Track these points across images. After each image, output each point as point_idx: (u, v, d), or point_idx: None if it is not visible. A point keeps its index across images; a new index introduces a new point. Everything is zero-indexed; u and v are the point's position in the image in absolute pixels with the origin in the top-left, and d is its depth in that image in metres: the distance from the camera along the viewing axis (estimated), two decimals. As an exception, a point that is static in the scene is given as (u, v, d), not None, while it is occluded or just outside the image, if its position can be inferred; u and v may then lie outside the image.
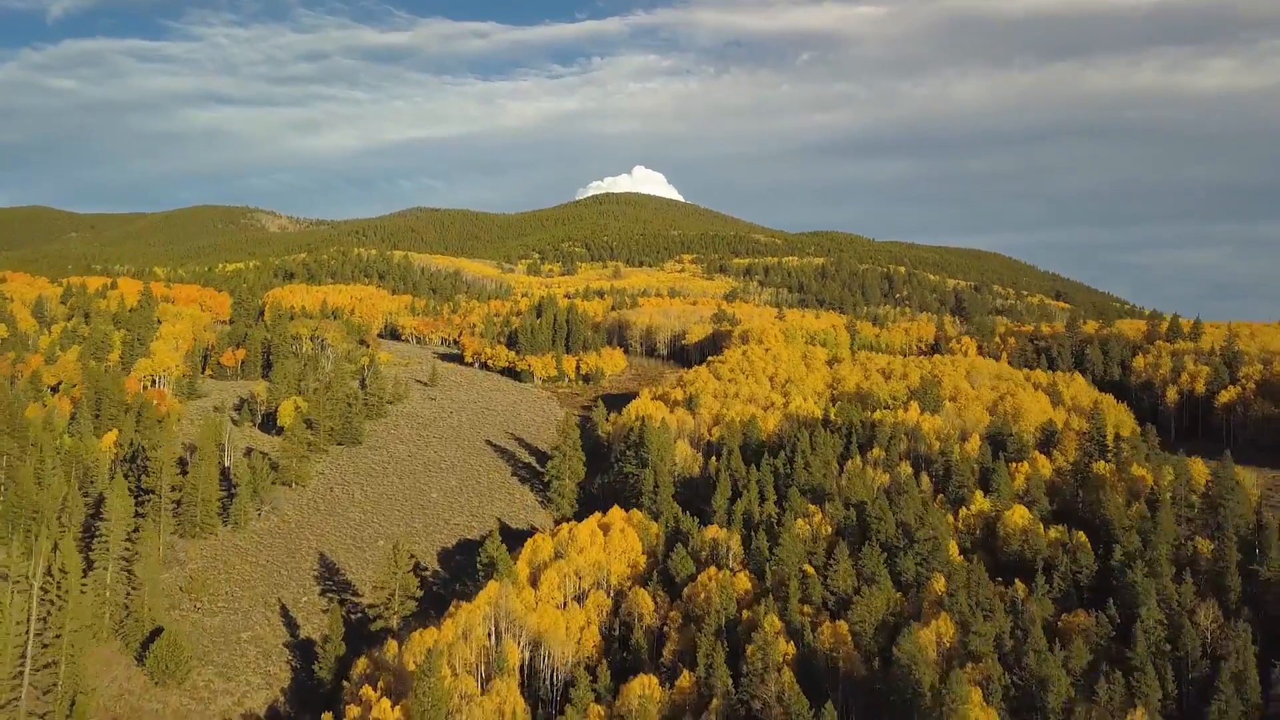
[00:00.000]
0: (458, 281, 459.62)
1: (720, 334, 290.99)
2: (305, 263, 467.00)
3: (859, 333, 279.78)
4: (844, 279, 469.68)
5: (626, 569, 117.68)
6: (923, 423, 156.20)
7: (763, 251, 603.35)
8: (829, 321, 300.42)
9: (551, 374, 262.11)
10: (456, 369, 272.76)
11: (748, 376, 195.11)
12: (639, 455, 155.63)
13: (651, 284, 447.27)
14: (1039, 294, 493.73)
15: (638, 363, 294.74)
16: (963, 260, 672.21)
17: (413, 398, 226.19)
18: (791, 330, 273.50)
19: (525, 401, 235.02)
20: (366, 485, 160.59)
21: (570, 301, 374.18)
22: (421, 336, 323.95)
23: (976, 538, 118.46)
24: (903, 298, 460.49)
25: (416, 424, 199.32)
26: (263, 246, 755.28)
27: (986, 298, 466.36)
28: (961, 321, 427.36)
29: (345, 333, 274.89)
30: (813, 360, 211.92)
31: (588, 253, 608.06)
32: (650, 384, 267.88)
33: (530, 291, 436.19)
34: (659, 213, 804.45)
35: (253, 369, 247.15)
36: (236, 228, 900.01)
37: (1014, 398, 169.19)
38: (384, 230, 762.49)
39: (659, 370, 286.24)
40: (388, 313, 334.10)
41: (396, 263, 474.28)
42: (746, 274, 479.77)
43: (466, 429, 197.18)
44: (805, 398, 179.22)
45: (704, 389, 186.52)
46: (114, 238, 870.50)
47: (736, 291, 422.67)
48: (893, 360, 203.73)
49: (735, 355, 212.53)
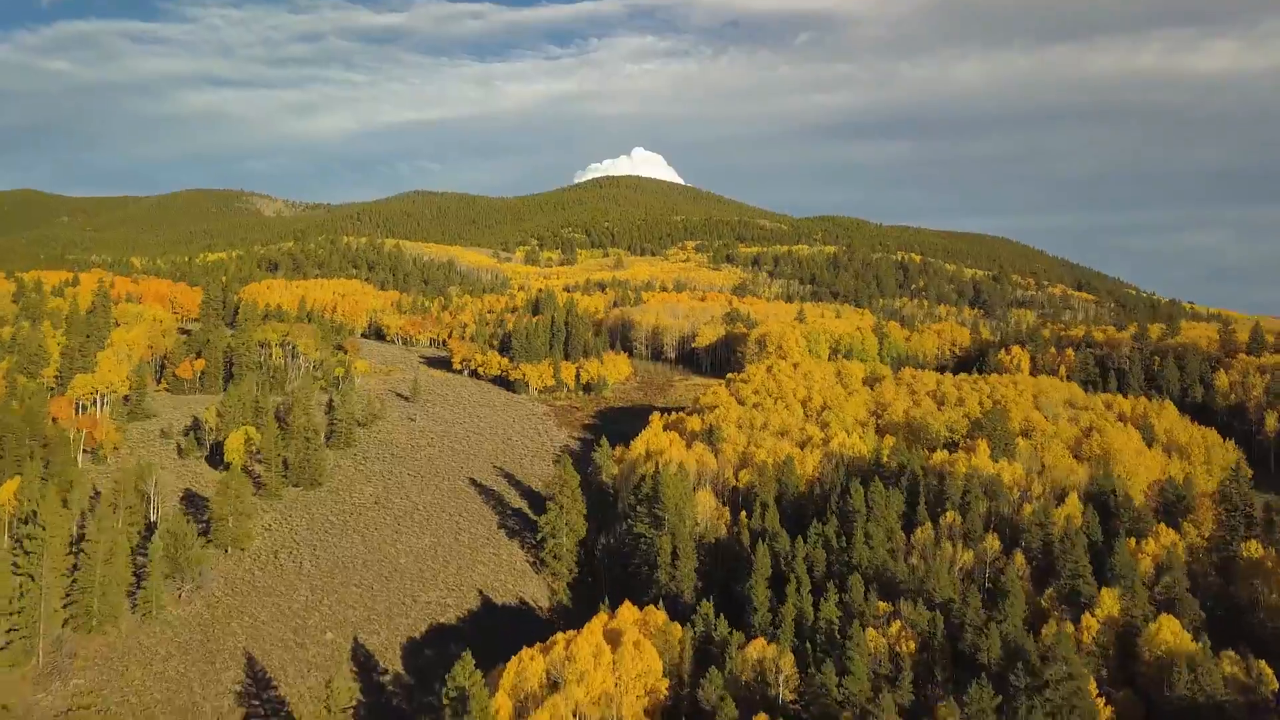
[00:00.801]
0: (451, 272, 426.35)
1: (734, 337, 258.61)
2: (291, 252, 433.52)
3: (888, 336, 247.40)
4: (856, 269, 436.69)
5: (643, 699, 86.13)
6: (1001, 472, 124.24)
7: (769, 238, 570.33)
8: (853, 322, 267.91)
9: (548, 383, 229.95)
10: (443, 377, 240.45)
11: (776, 400, 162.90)
12: (652, 512, 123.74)
13: (656, 275, 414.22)
14: (1060, 284, 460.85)
15: (643, 368, 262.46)
16: (972, 246, 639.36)
17: (390, 417, 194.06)
18: (814, 334, 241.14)
19: (518, 420, 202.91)
20: (320, 548, 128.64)
21: (569, 296, 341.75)
22: (408, 337, 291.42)
23: (1110, 658, 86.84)
24: (919, 289, 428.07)
25: (390, 456, 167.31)
26: (256, 232, 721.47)
27: (1006, 288, 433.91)
28: (983, 314, 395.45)
29: (320, 338, 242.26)
30: (849, 378, 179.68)
31: (588, 239, 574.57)
32: (658, 393, 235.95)
33: (527, 283, 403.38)
34: (660, 197, 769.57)
35: (213, 381, 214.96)
36: (231, 212, 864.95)
37: (1102, 436, 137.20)
38: (380, 215, 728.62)
39: (667, 377, 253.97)
40: (372, 311, 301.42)
41: (387, 252, 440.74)
42: (755, 264, 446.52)
43: (447, 462, 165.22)
44: (847, 430, 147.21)
45: (726, 417, 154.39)
46: (105, 222, 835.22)
47: (746, 284, 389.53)
48: (942, 381, 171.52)
49: (759, 373, 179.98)
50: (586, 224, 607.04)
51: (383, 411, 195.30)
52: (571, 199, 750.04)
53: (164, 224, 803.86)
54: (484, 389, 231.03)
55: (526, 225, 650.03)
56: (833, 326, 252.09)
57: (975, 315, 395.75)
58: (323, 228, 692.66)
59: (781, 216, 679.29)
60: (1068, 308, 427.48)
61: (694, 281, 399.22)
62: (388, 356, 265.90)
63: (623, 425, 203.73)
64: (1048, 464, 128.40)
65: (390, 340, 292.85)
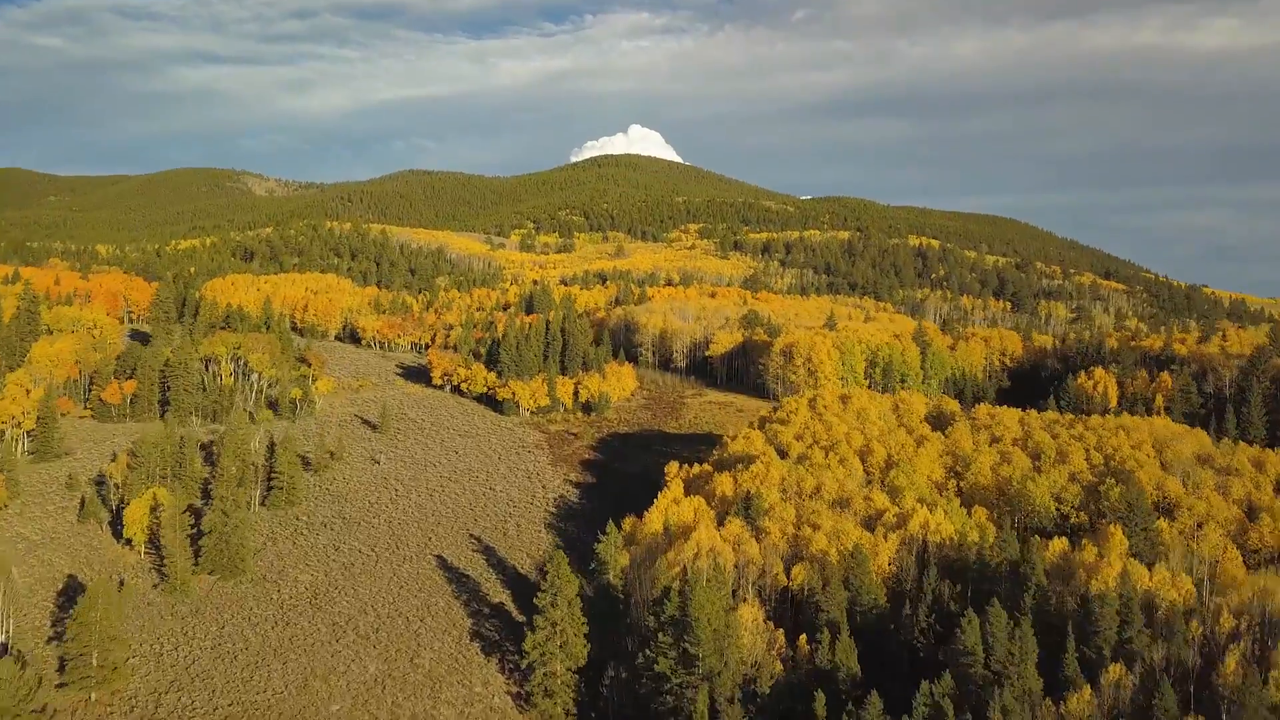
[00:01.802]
0: (440, 261, 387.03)
1: (754, 344, 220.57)
2: (269, 239, 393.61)
3: (930, 345, 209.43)
4: (873, 256, 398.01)
5: None
6: (1157, 586, 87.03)
7: (774, 221, 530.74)
8: (887, 328, 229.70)
9: (542, 403, 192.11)
10: (421, 395, 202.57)
11: (828, 452, 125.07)
12: (680, 645, 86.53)
13: (659, 264, 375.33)
14: (1088, 272, 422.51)
15: (650, 379, 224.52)
16: (983, 228, 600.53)
17: (349, 457, 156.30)
18: (847, 344, 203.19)
19: (505, 455, 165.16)
20: (224, 687, 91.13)
21: (567, 291, 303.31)
22: (386, 342, 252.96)
23: None
24: (939, 278, 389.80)
25: (341, 520, 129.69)
26: (244, 213, 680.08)
27: (1031, 277, 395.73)
28: (1011, 307, 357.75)
29: (280, 349, 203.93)
30: (909, 415, 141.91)
31: (586, 222, 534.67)
32: (669, 413, 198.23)
33: (521, 274, 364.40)
34: (659, 177, 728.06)
35: (147, 406, 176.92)
36: (221, 191, 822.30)
37: (1273, 517, 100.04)
38: (372, 195, 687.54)
39: (677, 391, 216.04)
40: (347, 310, 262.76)
41: (373, 239, 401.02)
42: (765, 252, 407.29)
43: (412, 530, 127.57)
44: (926, 500, 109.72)
45: (766, 478, 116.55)
46: (92, 202, 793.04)
47: (757, 275, 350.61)
48: (1029, 422, 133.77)
49: (802, 412, 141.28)
50: (585, 206, 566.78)
51: (341, 449, 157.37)
52: (569, 179, 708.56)
53: (152, 204, 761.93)
54: (467, 410, 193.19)
55: (523, 207, 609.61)
56: (867, 334, 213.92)
57: (1003, 308, 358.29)
58: (313, 208, 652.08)
59: (787, 198, 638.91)
60: (1097, 298, 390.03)
61: (701, 272, 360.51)
62: (361, 366, 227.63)
63: (630, 460, 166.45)
64: (1218, 576, 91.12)
65: (367, 344, 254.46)
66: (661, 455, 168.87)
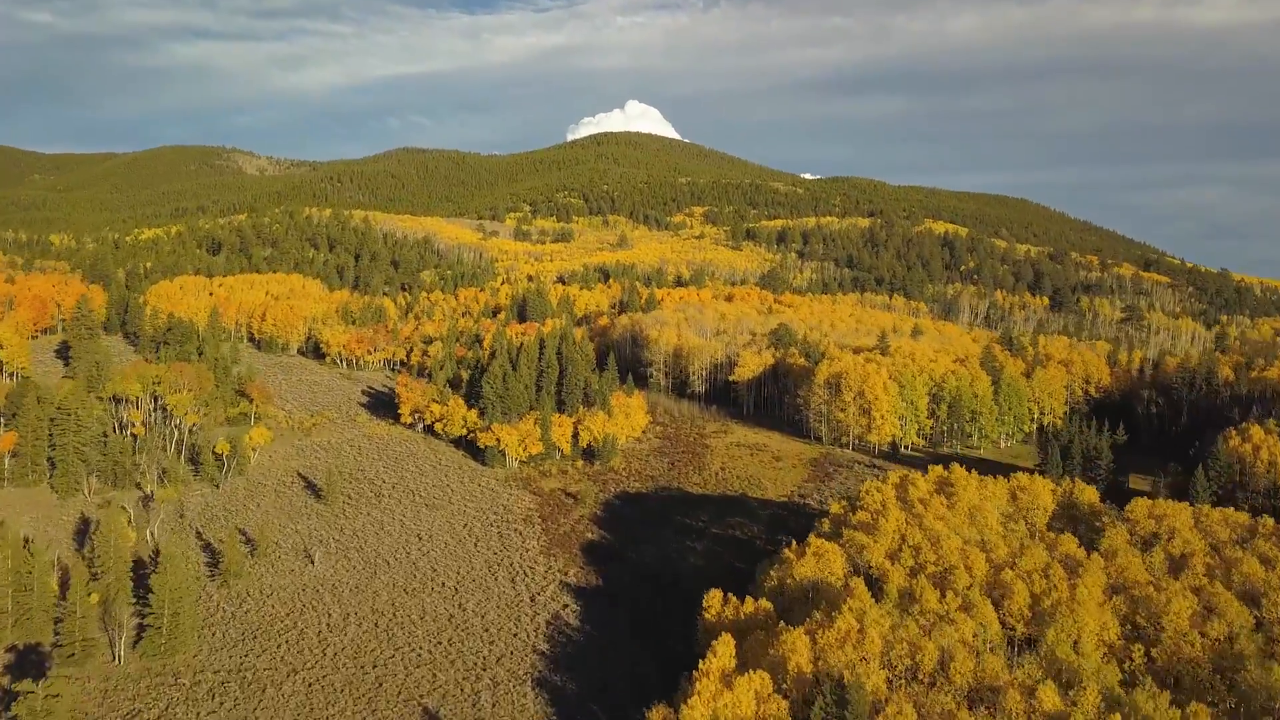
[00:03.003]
0: (427, 251, 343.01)
1: (789, 369, 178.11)
2: (240, 229, 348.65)
3: (1002, 370, 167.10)
4: (897, 246, 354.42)
5: None
6: None
7: (783, 204, 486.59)
8: (949, 348, 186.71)
9: (534, 450, 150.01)
10: (386, 437, 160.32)
11: (941, 587, 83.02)
12: None
13: (666, 256, 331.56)
14: (1126, 263, 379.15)
15: (664, 408, 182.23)
16: (998, 210, 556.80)
17: (274, 554, 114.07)
18: (906, 375, 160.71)
19: (484, 540, 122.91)
20: None
21: (564, 292, 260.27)
22: (354, 359, 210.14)
23: None
24: (969, 270, 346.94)
25: (237, 686, 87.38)
26: (232, 193, 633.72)
27: (1068, 270, 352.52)
28: (1052, 306, 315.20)
29: (215, 381, 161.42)
30: (1032, 509, 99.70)
31: (585, 205, 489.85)
32: (690, 461, 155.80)
33: (515, 268, 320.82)
34: (660, 155, 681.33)
35: (30, 468, 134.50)
36: (211, 170, 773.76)
37: None
38: (364, 175, 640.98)
39: (697, 427, 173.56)
40: (312, 319, 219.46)
41: (354, 227, 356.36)
42: (781, 241, 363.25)
43: (337, 700, 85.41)
44: (1115, 699, 67.90)
45: (862, 647, 74.59)
46: (78, 180, 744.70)
47: (776, 270, 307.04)
48: (1210, 526, 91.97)
49: (892, 516, 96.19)
50: (584, 187, 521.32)
51: (265, 539, 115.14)
52: (567, 158, 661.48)
53: (137, 184, 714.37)
54: (441, 462, 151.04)
55: (519, 187, 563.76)
56: (926, 358, 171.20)
57: (1041, 305, 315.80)
58: (302, 189, 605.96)
59: (795, 178, 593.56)
60: (1140, 292, 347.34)
61: (712, 265, 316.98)
62: (319, 394, 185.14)
63: (645, 540, 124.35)
64: None
65: (333, 360, 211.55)
66: (686, 532, 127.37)
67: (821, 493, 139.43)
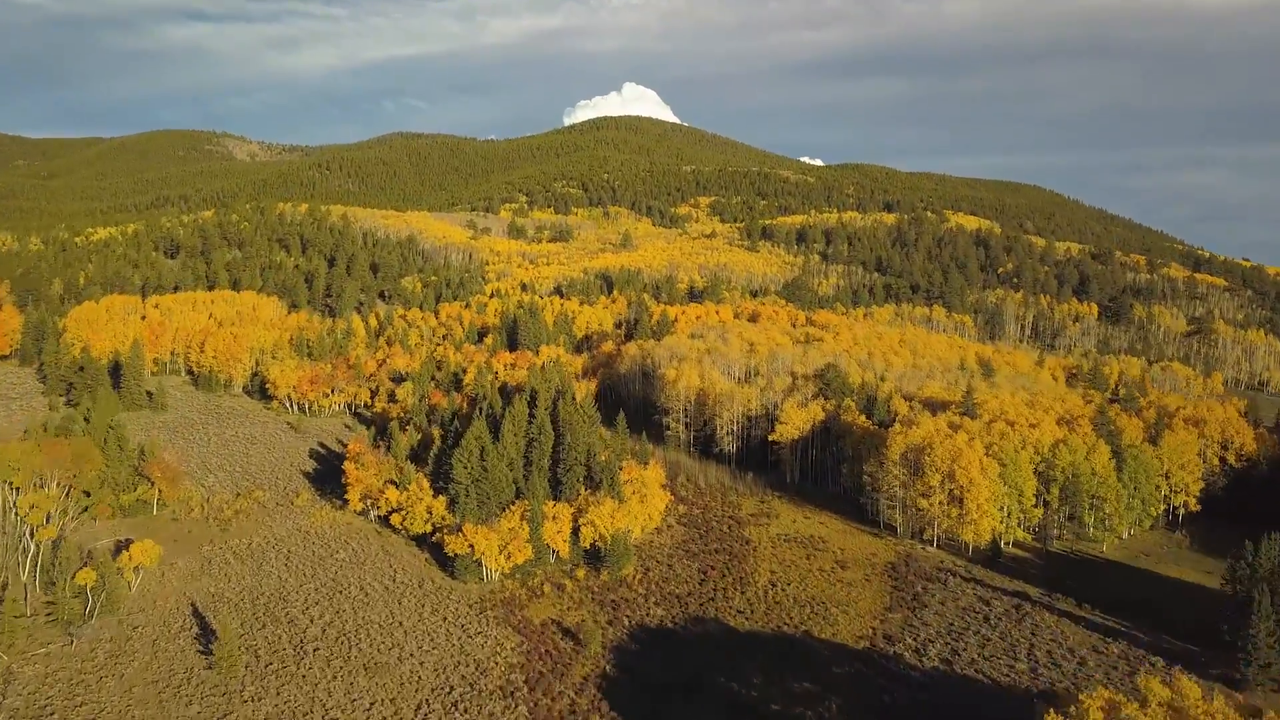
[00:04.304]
0: (410, 253, 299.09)
1: (844, 429, 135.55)
2: (203, 228, 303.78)
3: (1119, 435, 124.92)
4: (928, 246, 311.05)
5: None
6: None
7: (794, 194, 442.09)
8: (1040, 398, 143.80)
9: (519, 558, 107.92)
10: (329, 530, 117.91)
11: None
12: None
13: (675, 259, 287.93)
14: (1174, 263, 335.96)
15: (685, 474, 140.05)
16: (1014, 198, 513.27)
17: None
18: (1009, 454, 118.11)
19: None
20: None
21: (561, 308, 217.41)
22: (307, 404, 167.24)
23: None
24: (1007, 273, 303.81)
25: None
26: (218, 179, 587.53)
27: (1115, 271, 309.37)
28: (1111, 319, 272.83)
29: (105, 460, 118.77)
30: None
31: (585, 195, 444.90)
32: (726, 563, 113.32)
33: (508, 275, 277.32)
34: (662, 141, 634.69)
35: None
36: (200, 155, 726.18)
37: None
38: (354, 162, 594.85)
39: (731, 507, 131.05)
40: (259, 350, 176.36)
41: (330, 225, 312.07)
42: (800, 241, 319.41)
43: None
44: None
45: None
46: (62, 166, 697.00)
47: (800, 279, 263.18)
48: None
49: None
50: (583, 176, 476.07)
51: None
52: (565, 143, 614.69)
53: (123, 170, 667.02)
54: (396, 573, 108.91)
55: (515, 176, 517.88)
56: (1022, 419, 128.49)
57: (1090, 312, 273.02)
58: (290, 177, 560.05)
59: (804, 166, 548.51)
60: (1194, 296, 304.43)
61: (728, 270, 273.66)
62: (256, 456, 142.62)
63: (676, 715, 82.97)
64: None
65: (282, 405, 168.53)
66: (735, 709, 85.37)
67: (916, 632, 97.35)
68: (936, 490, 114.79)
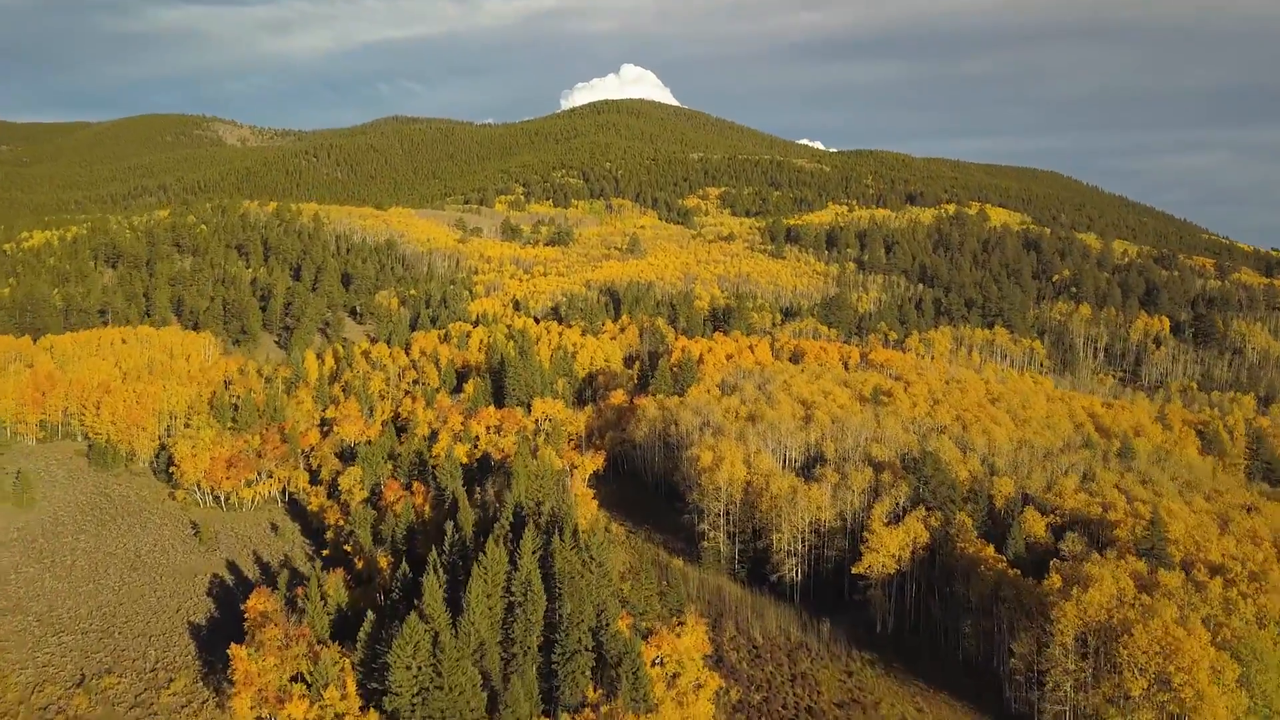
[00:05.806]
0: (389, 259, 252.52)
1: (958, 558, 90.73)
2: (152, 231, 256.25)
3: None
4: (974, 250, 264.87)
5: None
6: None
7: (809, 183, 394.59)
8: (1233, 513, 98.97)
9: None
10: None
11: None
12: None
13: (690, 268, 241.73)
14: (1245, 267, 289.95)
15: (732, 616, 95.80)
16: (1038, 187, 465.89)
17: None
18: (1249, 648, 73.45)
19: None
20: None
21: (559, 343, 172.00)
22: (223, 495, 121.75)
23: None
24: (1064, 281, 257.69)
25: None
26: (204, 167, 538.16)
27: (1185, 279, 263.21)
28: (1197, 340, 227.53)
29: None
30: None
31: (585, 186, 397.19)
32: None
33: (497, 294, 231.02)
34: (665, 126, 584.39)
35: None
36: (188, 140, 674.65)
37: None
38: (346, 149, 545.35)
39: (805, 682, 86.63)
40: (171, 415, 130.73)
41: (300, 227, 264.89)
42: (830, 245, 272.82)
43: None
44: None
45: None
46: (46, 152, 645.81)
47: (840, 296, 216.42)
48: None
49: None
50: (583, 165, 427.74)
51: None
52: (564, 128, 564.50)
53: (107, 156, 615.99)
54: None
55: (511, 164, 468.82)
56: (1240, 570, 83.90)
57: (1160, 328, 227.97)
58: (276, 165, 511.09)
59: (818, 152, 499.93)
60: (1274, 307, 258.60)
61: (753, 282, 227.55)
62: (134, 588, 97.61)
63: None
64: None
65: (190, 492, 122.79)
66: None
67: None
68: (1141, 705, 70.12)
